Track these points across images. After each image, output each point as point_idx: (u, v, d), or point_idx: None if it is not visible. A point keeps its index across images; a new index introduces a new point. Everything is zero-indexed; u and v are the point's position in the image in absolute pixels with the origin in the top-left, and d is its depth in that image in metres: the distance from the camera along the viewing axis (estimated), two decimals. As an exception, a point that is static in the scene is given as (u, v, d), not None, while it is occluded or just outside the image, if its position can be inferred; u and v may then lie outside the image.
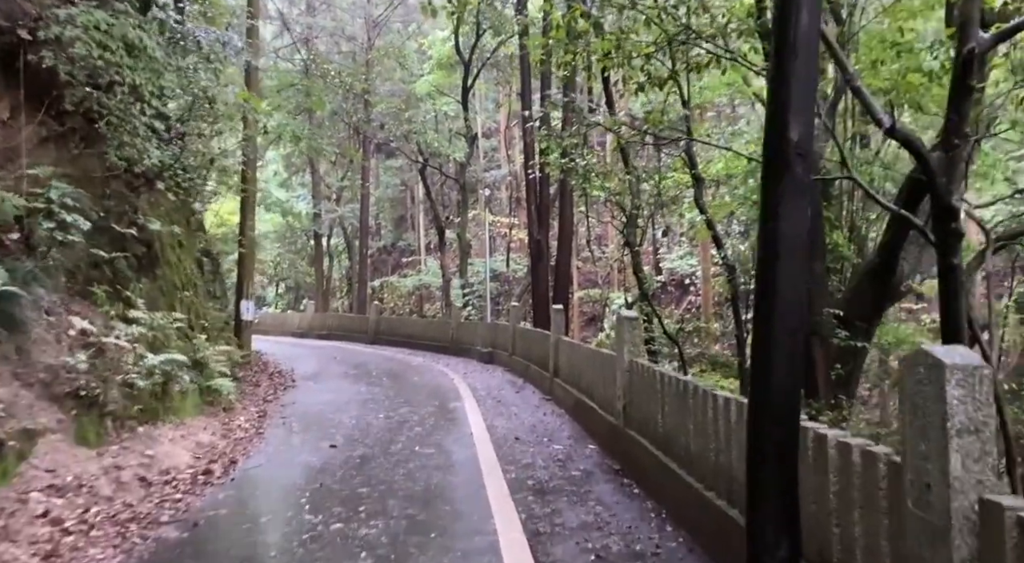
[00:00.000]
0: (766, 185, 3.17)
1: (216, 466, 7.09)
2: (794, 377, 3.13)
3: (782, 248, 3.05)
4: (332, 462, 7.44)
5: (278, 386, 13.73)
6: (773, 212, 3.09)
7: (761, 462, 3.21)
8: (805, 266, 3.12)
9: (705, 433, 5.04)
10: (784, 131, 3.04)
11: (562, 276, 17.84)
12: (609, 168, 11.84)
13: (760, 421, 3.18)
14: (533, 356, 14.15)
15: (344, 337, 27.72)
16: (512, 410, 10.81)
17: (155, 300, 9.88)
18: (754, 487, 3.25)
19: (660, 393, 6.10)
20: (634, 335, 7.24)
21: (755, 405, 3.22)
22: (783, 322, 3.06)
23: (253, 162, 17.76)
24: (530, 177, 16.79)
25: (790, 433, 3.15)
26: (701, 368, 13.69)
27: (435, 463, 7.36)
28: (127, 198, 9.64)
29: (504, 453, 7.81)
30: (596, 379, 8.67)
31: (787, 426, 3.14)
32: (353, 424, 9.67)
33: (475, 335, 20.04)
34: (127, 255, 9.29)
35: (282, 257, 42.23)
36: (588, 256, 32.14)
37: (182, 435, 7.85)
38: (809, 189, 3.10)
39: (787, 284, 3.03)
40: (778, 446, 3.14)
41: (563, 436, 8.76)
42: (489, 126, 42.67)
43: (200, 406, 9.47)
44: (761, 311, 3.17)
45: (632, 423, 7.00)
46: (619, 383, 7.35)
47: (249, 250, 18.08)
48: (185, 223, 11.89)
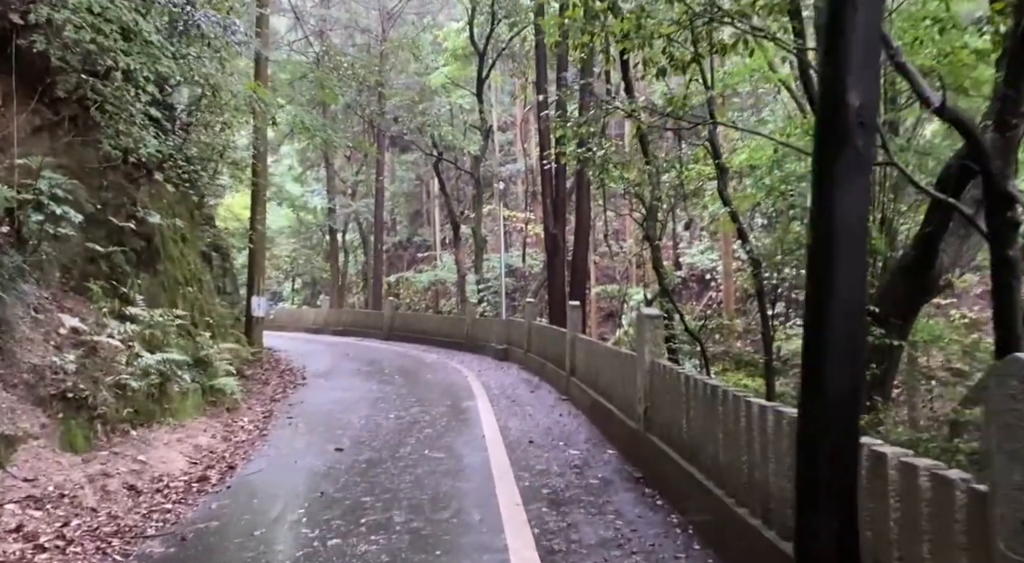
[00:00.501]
0: (820, 161, 2.69)
1: (213, 472, 6.71)
2: (853, 386, 2.65)
3: (839, 234, 2.57)
4: (336, 467, 7.03)
5: (288, 384, 13.38)
6: (828, 193, 2.61)
7: (813, 482, 2.74)
8: (864, 254, 2.64)
9: (736, 443, 4.56)
10: (842, 96, 2.56)
11: (579, 271, 17.35)
12: (628, 158, 11.33)
13: (813, 435, 2.71)
14: (549, 354, 13.70)
15: (359, 333, 27.41)
16: (527, 410, 10.36)
17: (156, 296, 9.53)
18: (805, 511, 2.78)
19: (685, 397, 5.63)
20: (656, 334, 6.77)
21: (807, 416, 2.75)
22: (840, 320, 2.58)
23: (264, 155, 17.43)
24: (545, 168, 16.28)
25: (848, 449, 2.68)
26: (724, 367, 13.18)
27: (444, 468, 6.93)
28: (126, 190, 9.29)
29: (517, 458, 7.37)
30: (615, 380, 8.20)
31: (845, 442, 2.66)
32: (362, 425, 9.27)
33: (490, 332, 19.62)
34: (125, 249, 8.94)
35: (298, 253, 42.05)
36: (606, 251, 31.56)
37: (179, 438, 7.47)
38: (871, 165, 2.62)
39: (845, 276, 2.56)
40: (834, 464, 2.67)
41: (580, 440, 8.30)
42: (505, 120, 42.17)
43: (202, 407, 9.11)
44: (814, 307, 2.69)
45: (654, 428, 6.53)
46: (639, 385, 6.88)
47: (260, 245, 17.77)
48: (189, 216, 11.55)
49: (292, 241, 41.58)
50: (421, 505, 5.77)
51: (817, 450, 2.68)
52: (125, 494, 5.61)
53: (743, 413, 4.48)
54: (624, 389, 7.74)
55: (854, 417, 2.68)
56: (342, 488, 6.30)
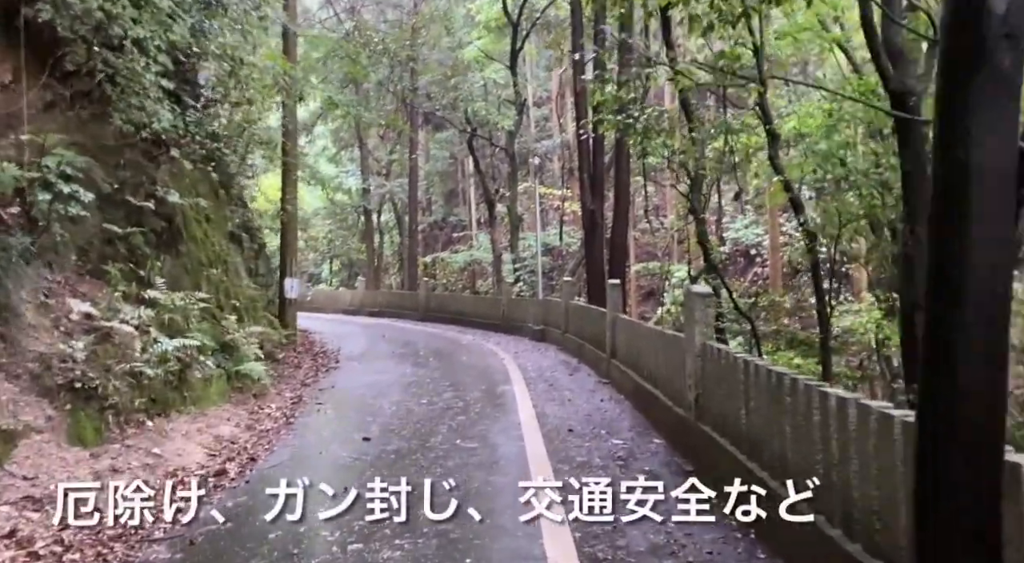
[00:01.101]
0: (948, 87, 2.06)
1: (232, 465, 6.31)
2: (995, 370, 2.04)
3: (977, 175, 1.95)
4: (363, 459, 6.59)
5: (320, 367, 13.04)
6: (960, 125, 1.99)
7: (939, 493, 2.14)
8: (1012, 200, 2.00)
9: (809, 439, 3.96)
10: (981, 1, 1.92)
11: (618, 249, 16.65)
12: (671, 125, 10.62)
13: (940, 434, 2.11)
14: (588, 335, 13.12)
15: (395, 314, 27.14)
16: (565, 395, 9.82)
17: (178, 279, 9.17)
18: (928, 528, 2.19)
19: (744, 385, 5.02)
20: (706, 313, 6.15)
21: (932, 411, 2.15)
22: (979, 286, 1.97)
23: (293, 133, 17.06)
24: (582, 139, 15.53)
25: (989, 453, 2.07)
26: (775, 346, 12.46)
27: (477, 460, 6.44)
28: (144, 168, 8.91)
29: (556, 448, 6.84)
30: (661, 363, 7.60)
31: (985, 443, 2.05)
32: (392, 411, 8.83)
33: (527, 312, 19.09)
34: (144, 230, 8.58)
35: (334, 234, 41.92)
36: (645, 227, 30.69)
37: (199, 429, 7.10)
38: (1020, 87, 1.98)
39: (987, 228, 1.94)
40: (970, 472, 2.07)
41: (623, 427, 7.74)
42: (540, 95, 41.26)
43: (227, 393, 8.76)
44: (940, 272, 2.08)
45: (706, 417, 5.94)
46: (689, 370, 6.28)
47: (291, 225, 17.45)
48: (213, 196, 11.17)
49: (328, 222, 41.44)
50: (451, 504, 5.28)
51: (947, 454, 2.08)
52: (134, 492, 5.22)
53: (816, 405, 3.87)
54: (671, 373, 7.14)
55: (997, 411, 2.06)
56: (367, 484, 5.83)
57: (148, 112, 7.57)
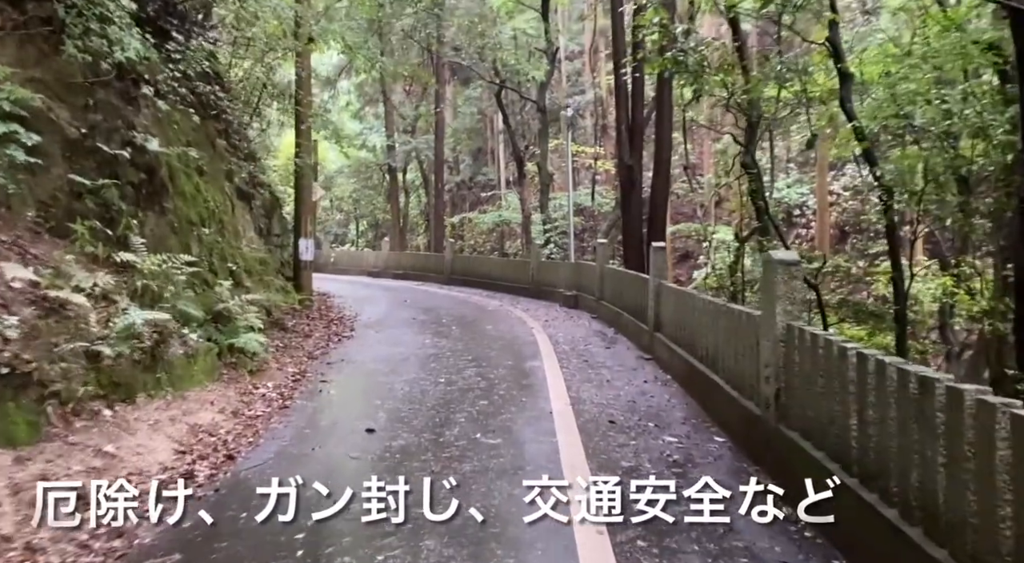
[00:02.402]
0: None
1: (203, 466, 5.22)
2: None
3: None
4: (362, 458, 5.47)
5: (332, 336, 11.96)
6: None
7: None
8: None
9: (977, 475, 2.69)
10: None
11: (658, 208, 15.22)
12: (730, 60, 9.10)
13: None
14: (626, 303, 11.85)
15: (419, 277, 26.06)
16: (603, 374, 8.61)
17: (163, 239, 8.06)
18: None
19: (858, 387, 3.74)
20: (792, 288, 4.84)
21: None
22: None
23: (307, 80, 15.72)
24: (623, 78, 13.98)
25: None
26: (839, 317, 11.08)
27: (499, 464, 5.27)
28: (120, 111, 7.73)
29: (596, 447, 5.65)
30: (723, 345, 6.32)
31: None
32: (405, 392, 7.70)
33: (557, 276, 17.83)
34: (120, 183, 7.43)
35: (359, 193, 40.78)
36: (677, 187, 29.02)
37: (173, 417, 6.02)
38: None
39: None
40: None
41: (675, 419, 6.51)
42: (572, 50, 39.35)
43: (216, 371, 7.67)
44: None
45: (791, 419, 4.68)
46: (766, 357, 5.00)
47: (306, 181, 16.23)
48: (209, 145, 10.00)
49: (352, 181, 40.29)
50: (463, 530, 4.13)
51: None
52: (63, 509, 4.13)
53: (993, 427, 2.59)
54: (737, 358, 5.86)
55: None
56: (362, 493, 4.70)
57: (110, 39, 6.33)
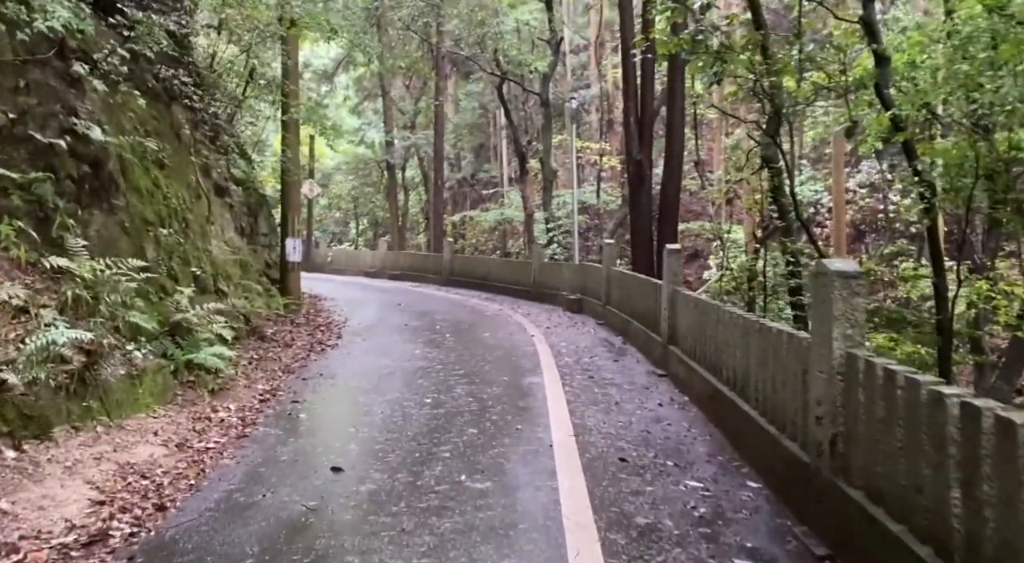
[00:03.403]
0: None
1: (123, 522, 4.24)
2: None
3: None
4: (321, 509, 4.49)
5: (315, 345, 11.00)
6: None
7: None
8: None
9: None
10: None
11: (669, 206, 14.21)
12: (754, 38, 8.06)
13: None
14: (635, 309, 10.86)
15: (416, 277, 25.11)
16: (611, 394, 7.62)
17: (112, 241, 7.11)
18: None
19: (957, 444, 2.75)
20: (853, 306, 3.84)
21: None
22: None
23: (294, 70, 14.79)
24: (633, 60, 12.92)
25: None
26: (871, 325, 10.05)
27: (485, 519, 4.28)
28: (59, 94, 6.77)
29: (604, 495, 4.66)
30: (756, 368, 5.32)
31: None
32: (384, 417, 6.73)
33: (560, 278, 16.84)
34: (57, 176, 6.48)
35: (358, 191, 39.81)
36: (690, 183, 27.97)
37: (102, 453, 5.05)
38: None
39: None
40: None
41: (698, 456, 5.52)
42: (577, 43, 38.32)
43: (170, 392, 6.71)
44: None
45: (853, 474, 3.69)
46: (817, 392, 4.01)
47: (294, 178, 15.29)
48: (173, 136, 9.03)
49: (351, 179, 39.32)
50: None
51: None
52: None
53: None
54: (776, 387, 4.87)
55: None
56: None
57: (31, 5, 5.36)
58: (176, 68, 9.00)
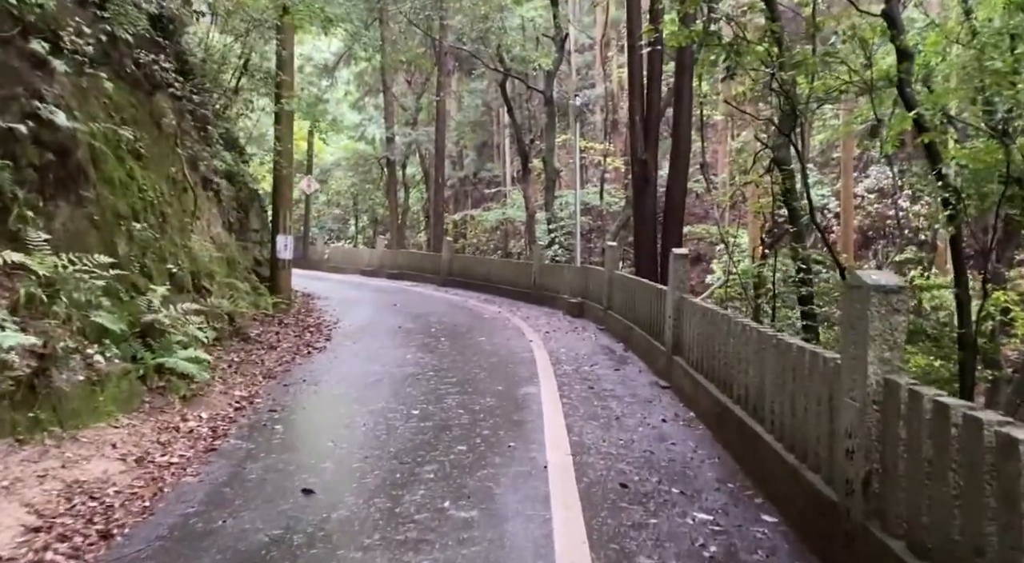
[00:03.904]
0: None
1: (59, 553, 3.76)
2: None
3: None
4: (284, 540, 4.01)
5: (302, 348, 10.51)
6: None
7: None
8: None
9: None
10: None
11: (675, 208, 13.71)
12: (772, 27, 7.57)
13: None
14: (638, 315, 10.37)
15: (415, 277, 24.63)
16: (611, 408, 7.13)
17: (79, 235, 6.62)
18: None
19: (1020, 496, 2.26)
20: (892, 325, 3.35)
21: None
22: None
23: (288, 61, 14.30)
24: (639, 54, 12.41)
25: None
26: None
27: (468, 556, 3.79)
28: (22, 76, 6.29)
29: (602, 529, 4.17)
30: (772, 388, 4.83)
31: None
32: (366, 430, 6.25)
33: (561, 280, 16.35)
34: (16, 165, 6.00)
35: (358, 187, 39.31)
36: (694, 185, 27.44)
37: (45, 470, 4.56)
38: None
39: None
40: None
41: (706, 482, 5.02)
42: (582, 43, 37.83)
43: (137, 399, 6.23)
44: None
45: (890, 520, 3.19)
46: (849, 421, 3.52)
47: (286, 173, 14.80)
48: (153, 125, 8.54)
49: (350, 175, 38.82)
50: None
51: None
52: None
53: None
54: (796, 410, 4.38)
55: None
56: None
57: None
58: (158, 54, 8.52)
